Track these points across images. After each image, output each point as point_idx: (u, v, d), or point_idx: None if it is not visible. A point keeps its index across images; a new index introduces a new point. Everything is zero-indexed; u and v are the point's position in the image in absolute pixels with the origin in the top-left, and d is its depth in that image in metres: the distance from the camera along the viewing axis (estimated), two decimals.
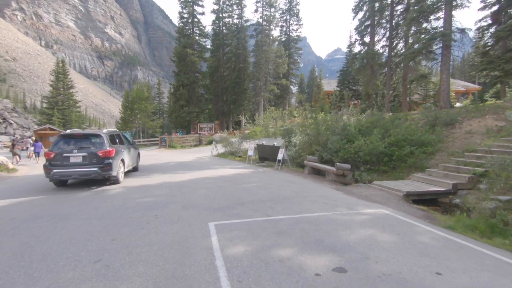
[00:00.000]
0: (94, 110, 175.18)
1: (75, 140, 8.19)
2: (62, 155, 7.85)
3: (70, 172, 7.85)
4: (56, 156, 7.83)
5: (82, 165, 7.93)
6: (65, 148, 7.98)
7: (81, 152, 7.97)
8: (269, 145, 12.58)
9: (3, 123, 51.50)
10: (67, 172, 7.84)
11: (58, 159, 7.83)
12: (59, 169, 7.77)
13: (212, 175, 10.37)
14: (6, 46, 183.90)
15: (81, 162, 7.94)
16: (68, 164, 7.86)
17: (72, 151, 7.94)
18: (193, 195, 7.00)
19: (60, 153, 7.86)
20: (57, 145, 8.05)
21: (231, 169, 12.03)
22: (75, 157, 7.91)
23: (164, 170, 12.01)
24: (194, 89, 34.65)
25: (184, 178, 9.72)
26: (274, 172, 11.06)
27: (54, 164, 7.81)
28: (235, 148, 17.65)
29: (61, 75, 40.36)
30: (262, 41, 37.06)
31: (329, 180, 8.93)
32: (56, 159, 7.82)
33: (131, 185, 8.52)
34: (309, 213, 5.40)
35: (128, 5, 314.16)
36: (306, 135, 12.54)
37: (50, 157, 7.83)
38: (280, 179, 9.37)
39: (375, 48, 22.93)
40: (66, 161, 7.86)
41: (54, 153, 7.85)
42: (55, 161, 7.82)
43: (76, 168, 7.87)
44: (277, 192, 7.21)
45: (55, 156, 7.82)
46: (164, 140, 26.87)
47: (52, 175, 7.78)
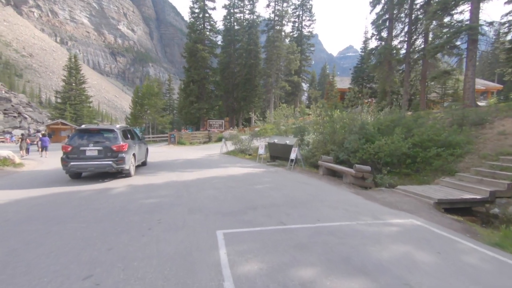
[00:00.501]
0: (107, 105, 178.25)
1: (91, 135, 8.62)
2: (79, 149, 8.25)
3: (86, 164, 8.26)
4: (73, 149, 8.23)
5: (97, 158, 8.34)
6: (81, 142, 8.39)
7: (97, 146, 8.38)
8: (281, 144, 11.98)
9: (18, 117, 52.63)
10: (84, 165, 8.25)
11: (75, 152, 8.24)
12: (76, 162, 8.19)
13: (221, 174, 9.87)
14: (23, 42, 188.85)
15: (96, 156, 8.34)
16: (84, 157, 8.27)
17: (88, 145, 8.34)
18: (201, 197, 6.50)
19: (77, 146, 8.26)
20: (74, 139, 8.46)
21: (241, 168, 11.51)
22: (91, 151, 8.31)
23: (171, 167, 11.59)
24: (204, 85, 34.25)
25: (192, 177, 9.26)
26: (286, 172, 10.47)
27: (71, 157, 8.22)
28: (245, 146, 17.12)
29: (73, 70, 40.72)
30: (274, 37, 36.24)
31: (346, 182, 8.28)
32: (73, 152, 8.23)
33: (136, 183, 8.10)
34: (330, 221, 4.80)
35: (140, 2, 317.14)
36: (321, 134, 11.87)
37: (68, 150, 8.22)
38: (293, 180, 8.77)
39: (393, 43, 21.88)
40: (83, 155, 8.27)
41: (71, 146, 8.25)
42: (72, 154, 8.23)
43: (92, 161, 8.29)
44: (292, 195, 6.63)
45: (72, 149, 8.23)
46: (173, 136, 26.61)
47: (69, 168, 8.18)
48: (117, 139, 8.60)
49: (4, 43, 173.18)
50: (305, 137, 13.24)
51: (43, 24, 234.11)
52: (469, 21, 14.60)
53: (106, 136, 8.62)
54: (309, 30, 44.43)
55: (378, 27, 20.45)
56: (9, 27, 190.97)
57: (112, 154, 8.41)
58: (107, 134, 8.68)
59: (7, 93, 60.90)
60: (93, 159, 8.31)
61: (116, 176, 9.16)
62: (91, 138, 8.53)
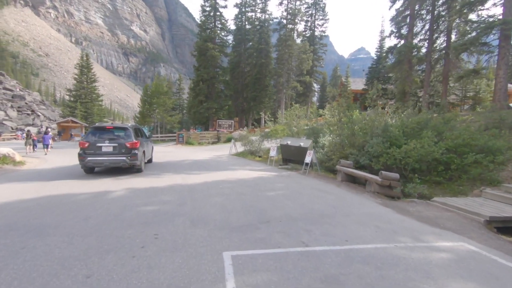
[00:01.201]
0: (119, 104, 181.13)
1: (106, 132, 9.14)
2: (96, 145, 8.72)
3: (102, 160, 8.75)
4: (90, 145, 8.69)
5: (112, 154, 8.82)
6: (97, 138, 8.86)
7: (112, 142, 8.86)
8: (294, 146, 11.12)
9: (31, 114, 53.48)
10: (100, 160, 8.74)
11: (91, 148, 8.70)
12: (93, 157, 8.67)
13: (229, 177, 9.09)
14: (40, 42, 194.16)
15: (111, 152, 8.82)
16: (100, 153, 8.76)
17: (104, 141, 8.80)
18: (206, 205, 5.72)
19: (93, 143, 8.72)
20: (90, 136, 8.97)
21: (251, 171, 10.71)
22: (106, 147, 8.79)
23: (177, 169, 10.90)
24: (214, 84, 33.65)
25: (198, 180, 8.51)
26: (300, 177, 9.60)
27: (88, 152, 8.68)
28: (255, 147, 16.32)
29: (85, 68, 40.87)
30: (286, 36, 35.35)
31: (370, 191, 7.35)
32: (90, 148, 8.69)
33: (137, 186, 7.40)
34: (361, 242, 3.93)
35: (153, 3, 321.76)
36: (338, 136, 10.94)
37: (85, 146, 8.68)
38: (309, 186, 7.90)
39: (413, 42, 20.67)
40: (99, 150, 8.75)
41: (88, 143, 8.71)
42: (89, 150, 8.69)
43: (107, 157, 8.78)
44: (310, 206, 5.77)
45: (89, 145, 8.69)
46: (181, 136, 26.06)
47: (86, 162, 8.65)
48: (130, 136, 9.12)
49: (21, 43, 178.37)
50: (320, 139, 12.34)
51: (59, 25, 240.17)
52: (502, 15, 13.40)
53: (120, 134, 9.14)
54: (322, 30, 43.35)
55: (398, 24, 19.31)
56: (26, 27, 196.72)
57: (126, 151, 8.90)
58: (121, 131, 9.22)
59: (22, 91, 62.13)
60: (108, 154, 8.80)
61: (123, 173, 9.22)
62: (106, 135, 9.03)
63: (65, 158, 14.33)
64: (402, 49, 17.80)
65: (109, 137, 8.97)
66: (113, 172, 9.63)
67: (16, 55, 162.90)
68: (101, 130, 9.18)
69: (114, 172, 9.63)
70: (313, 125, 16.07)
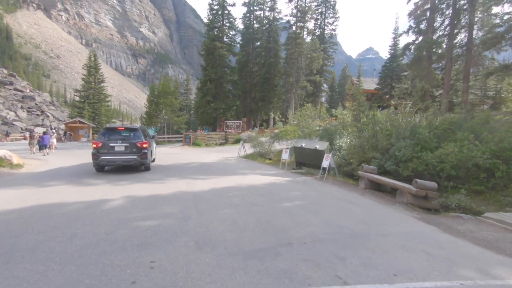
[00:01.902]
0: (127, 105, 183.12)
1: (118, 133, 9.64)
2: (108, 145, 9.18)
3: (115, 158, 9.23)
4: (103, 145, 9.15)
5: (124, 153, 9.30)
6: (110, 139, 9.34)
7: (124, 142, 9.34)
8: (309, 149, 10.21)
9: (41, 115, 53.88)
10: (113, 159, 9.23)
11: (104, 148, 9.16)
12: (106, 156, 9.14)
13: (239, 183, 8.25)
14: (51, 44, 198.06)
15: (123, 151, 9.30)
16: (113, 152, 9.22)
17: (117, 141, 9.27)
18: (214, 219, 4.88)
19: (106, 143, 9.18)
20: (102, 136, 9.43)
21: (263, 176, 9.85)
22: (118, 147, 9.26)
23: (183, 173, 10.12)
24: (221, 84, 32.92)
25: (204, 186, 7.70)
26: (317, 183, 8.69)
27: (101, 152, 9.15)
28: (266, 149, 15.46)
29: (92, 69, 40.75)
30: (296, 34, 34.35)
31: (402, 202, 6.40)
32: (103, 148, 9.15)
33: (137, 194, 6.63)
34: (414, 278, 3.02)
35: (162, 5, 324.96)
36: (357, 138, 9.99)
37: (98, 146, 9.12)
38: (330, 195, 7.00)
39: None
40: (112, 150, 9.21)
41: (101, 143, 9.15)
42: (102, 149, 9.15)
43: (119, 156, 9.25)
44: (336, 222, 4.88)
45: (102, 145, 9.14)
46: (188, 137, 25.37)
47: (100, 161, 9.13)
48: (140, 137, 9.65)
49: (34, 45, 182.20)
50: (337, 141, 11.39)
51: (70, 27, 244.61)
52: None
53: (131, 134, 9.65)
54: (332, 28, 42.18)
55: (417, 19, 18.14)
56: (38, 30, 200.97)
57: (137, 150, 9.40)
58: (132, 132, 9.76)
59: (32, 92, 62.83)
60: (120, 154, 9.26)
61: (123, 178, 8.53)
62: (118, 135, 9.52)
63: (66, 160, 13.76)
64: (422, 45, 16.67)
65: (121, 137, 9.46)
66: (113, 176, 8.92)
67: (28, 57, 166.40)
68: (112, 131, 9.70)
69: (115, 177, 8.92)
70: (326, 126, 15.13)
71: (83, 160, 13.38)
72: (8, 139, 33.69)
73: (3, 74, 66.95)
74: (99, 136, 9.60)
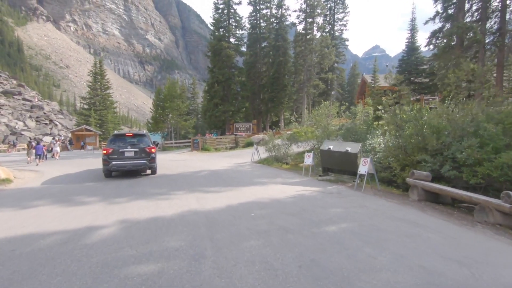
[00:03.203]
0: (136, 112, 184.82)
1: (126, 139, 9.91)
2: (119, 151, 9.44)
3: (125, 163, 9.45)
4: (113, 151, 9.39)
5: (134, 158, 9.62)
6: (119, 145, 9.58)
7: (134, 148, 9.65)
8: (339, 152, 8.66)
9: (49, 124, 53.77)
10: (123, 164, 9.44)
11: (115, 153, 9.40)
12: (117, 162, 9.38)
13: (260, 197, 6.78)
14: (61, 54, 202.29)
15: (133, 156, 9.62)
16: (123, 157, 9.50)
17: (127, 147, 9.58)
18: (238, 259, 3.41)
19: (116, 149, 9.44)
20: (112, 143, 9.65)
21: (285, 185, 8.35)
22: (128, 152, 9.56)
23: (191, 183, 8.72)
24: (229, 86, 31.61)
25: (218, 202, 6.25)
26: (355, 194, 7.13)
27: (112, 157, 9.39)
28: (282, 152, 13.98)
29: (98, 75, 40.13)
30: (306, 30, 32.77)
31: (486, 222, 4.79)
32: (113, 154, 9.39)
33: (135, 216, 5.23)
34: None
35: (167, 12, 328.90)
36: (396, 138, 8.39)
37: (109, 152, 9.35)
38: (381, 212, 5.44)
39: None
40: (122, 155, 9.48)
41: (111, 149, 9.40)
42: (113, 155, 9.40)
43: (130, 161, 9.51)
44: (417, 261, 3.33)
45: (113, 151, 9.39)
46: (196, 142, 24.06)
47: (110, 167, 9.34)
48: (148, 142, 10.05)
49: (44, 56, 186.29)
50: (368, 141, 9.80)
51: (79, 37, 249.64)
52: None
53: (139, 140, 10.01)
54: (342, 23, 40.51)
55: (446, 3, 16.40)
56: (48, 41, 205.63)
57: (146, 155, 9.75)
58: (140, 138, 10.15)
59: (40, 101, 63.07)
60: (131, 159, 9.57)
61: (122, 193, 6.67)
62: (127, 141, 9.81)
63: (64, 171, 12.52)
64: (454, 31, 14.91)
65: (130, 143, 9.77)
66: (112, 191, 7.58)
67: (39, 68, 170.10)
68: (121, 137, 9.99)
69: (113, 191, 7.57)
70: (351, 125, 13.53)
71: (82, 169, 12.18)
72: (15, 149, 33.18)
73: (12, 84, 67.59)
74: (108, 143, 9.76)
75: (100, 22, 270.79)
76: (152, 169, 10.18)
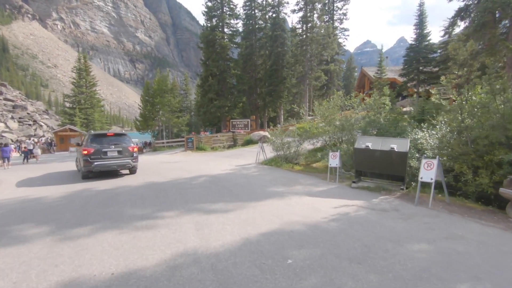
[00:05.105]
0: (127, 111, 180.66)
1: (108, 138, 9.79)
2: (101, 150, 9.27)
3: (109, 163, 9.32)
4: (95, 151, 9.18)
5: (118, 157, 9.53)
6: (101, 145, 9.40)
7: (117, 147, 9.58)
8: (380, 150, 6.55)
9: (33, 125, 50.60)
10: (107, 164, 9.29)
11: (97, 153, 9.19)
12: (100, 162, 9.19)
13: (289, 221, 4.64)
14: (48, 53, 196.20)
15: (117, 156, 9.54)
16: (106, 157, 9.35)
17: (110, 146, 9.48)
18: None
19: (98, 149, 9.24)
20: (92, 143, 9.41)
21: (313, 197, 6.22)
22: (112, 152, 9.46)
23: (187, 197, 6.52)
24: (225, 79, 29.25)
25: (229, 235, 4.09)
26: (419, 211, 5.04)
27: (94, 158, 9.14)
28: (292, 151, 11.86)
29: (83, 72, 37.27)
30: (307, 17, 30.49)
31: None
32: (95, 154, 9.17)
33: (93, 273, 3.04)
34: None
35: (157, 9, 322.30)
36: (461, 130, 6.33)
37: (90, 152, 9.12)
38: (497, 250, 3.35)
39: None
40: (105, 155, 9.33)
41: (93, 149, 9.17)
42: (95, 155, 9.16)
43: (113, 160, 9.44)
44: None
45: (94, 151, 9.17)
46: (190, 140, 21.77)
47: (93, 167, 9.07)
48: (130, 141, 10.03)
49: (31, 56, 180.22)
50: (412, 136, 7.72)
51: (66, 36, 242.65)
52: None
53: (121, 139, 9.86)
54: (343, 12, 38.36)
55: None
56: (35, 40, 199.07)
57: (129, 154, 9.69)
58: (122, 137, 10.01)
59: (24, 101, 59.61)
60: (114, 158, 9.39)
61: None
62: (109, 141, 9.56)
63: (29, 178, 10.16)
64: (489, 5, 12.92)
65: (112, 143, 9.53)
66: (71, 213, 5.34)
67: (25, 67, 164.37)
68: (102, 137, 9.72)
69: (73, 214, 5.34)
70: (371, 118, 11.48)
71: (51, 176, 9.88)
72: None
73: None
74: (88, 142, 9.43)
75: (88, 19, 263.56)
76: (135, 168, 10.14)
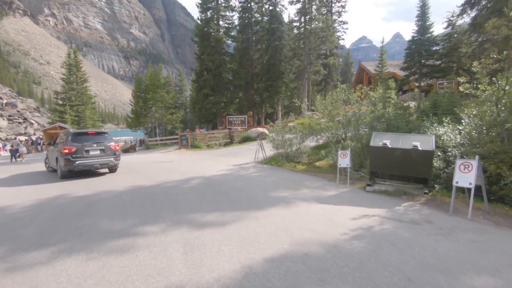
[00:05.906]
0: (122, 108, 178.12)
1: (89, 137, 9.68)
2: (83, 149, 9.17)
3: (91, 162, 9.25)
4: (77, 150, 9.06)
5: (100, 156, 9.48)
6: (83, 143, 9.26)
7: (99, 146, 9.51)
8: (401, 149, 5.64)
9: (24, 123, 49.07)
10: (89, 162, 9.21)
11: (79, 152, 9.08)
12: (82, 161, 9.07)
13: (301, 240, 3.72)
14: (40, 50, 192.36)
15: (99, 154, 9.48)
16: (88, 156, 9.25)
17: (92, 145, 9.38)
18: None
19: (80, 147, 9.13)
20: (73, 141, 9.20)
21: (324, 204, 5.31)
22: (94, 150, 9.39)
23: (177, 205, 5.57)
24: (221, 74, 28.16)
25: (225, 260, 3.15)
26: (460, 223, 4.16)
27: (76, 156, 9.01)
28: (294, 149, 10.94)
29: (73, 67, 35.86)
30: (305, 9, 29.40)
31: None
32: (77, 153, 9.05)
33: None
34: None
35: (151, 5, 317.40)
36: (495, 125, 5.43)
37: (71, 151, 8.95)
38: None
39: None
40: (87, 154, 9.24)
41: (74, 148, 9.03)
42: (77, 154, 9.03)
43: (96, 159, 9.37)
44: None
45: (76, 150, 9.04)
46: (185, 138, 20.73)
47: (75, 166, 8.92)
48: (111, 140, 10.03)
49: (22, 53, 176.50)
50: (433, 132, 6.82)
51: (59, 32, 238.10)
52: None
53: (103, 138, 9.87)
54: (341, 5, 37.29)
55: None
56: (27, 36, 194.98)
57: (112, 152, 9.71)
58: (103, 136, 10.05)
59: (14, 98, 57.86)
60: (97, 157, 9.39)
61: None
62: (91, 139, 9.54)
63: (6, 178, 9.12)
64: None
65: (94, 141, 9.48)
66: (35, 230, 4.36)
67: (17, 64, 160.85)
68: (83, 135, 9.61)
69: (38, 230, 4.36)
70: (380, 112, 10.58)
71: (32, 176, 8.87)
72: None
73: None
74: (69, 141, 9.25)
75: (81, 15, 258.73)
76: (116, 167, 10.18)
